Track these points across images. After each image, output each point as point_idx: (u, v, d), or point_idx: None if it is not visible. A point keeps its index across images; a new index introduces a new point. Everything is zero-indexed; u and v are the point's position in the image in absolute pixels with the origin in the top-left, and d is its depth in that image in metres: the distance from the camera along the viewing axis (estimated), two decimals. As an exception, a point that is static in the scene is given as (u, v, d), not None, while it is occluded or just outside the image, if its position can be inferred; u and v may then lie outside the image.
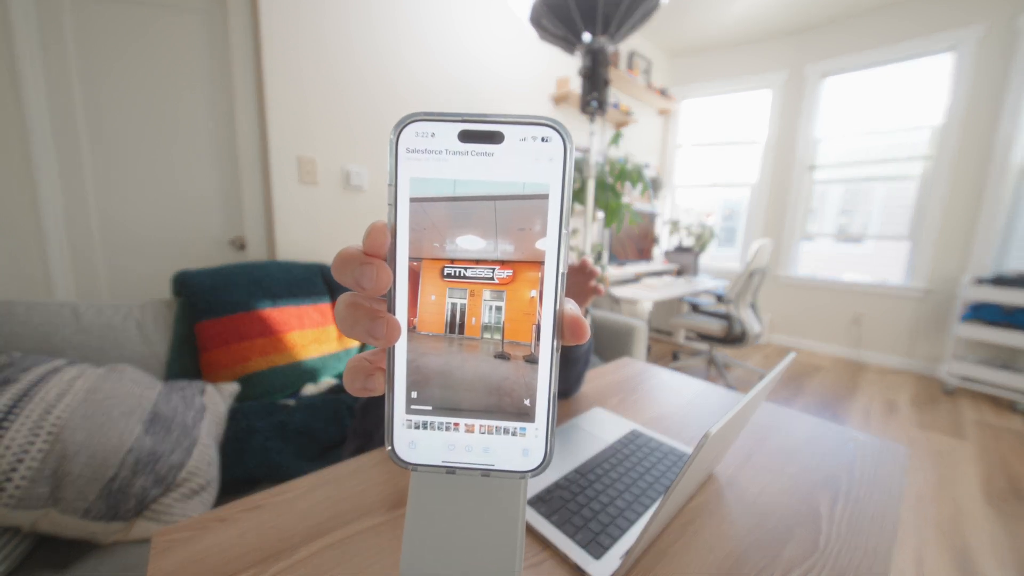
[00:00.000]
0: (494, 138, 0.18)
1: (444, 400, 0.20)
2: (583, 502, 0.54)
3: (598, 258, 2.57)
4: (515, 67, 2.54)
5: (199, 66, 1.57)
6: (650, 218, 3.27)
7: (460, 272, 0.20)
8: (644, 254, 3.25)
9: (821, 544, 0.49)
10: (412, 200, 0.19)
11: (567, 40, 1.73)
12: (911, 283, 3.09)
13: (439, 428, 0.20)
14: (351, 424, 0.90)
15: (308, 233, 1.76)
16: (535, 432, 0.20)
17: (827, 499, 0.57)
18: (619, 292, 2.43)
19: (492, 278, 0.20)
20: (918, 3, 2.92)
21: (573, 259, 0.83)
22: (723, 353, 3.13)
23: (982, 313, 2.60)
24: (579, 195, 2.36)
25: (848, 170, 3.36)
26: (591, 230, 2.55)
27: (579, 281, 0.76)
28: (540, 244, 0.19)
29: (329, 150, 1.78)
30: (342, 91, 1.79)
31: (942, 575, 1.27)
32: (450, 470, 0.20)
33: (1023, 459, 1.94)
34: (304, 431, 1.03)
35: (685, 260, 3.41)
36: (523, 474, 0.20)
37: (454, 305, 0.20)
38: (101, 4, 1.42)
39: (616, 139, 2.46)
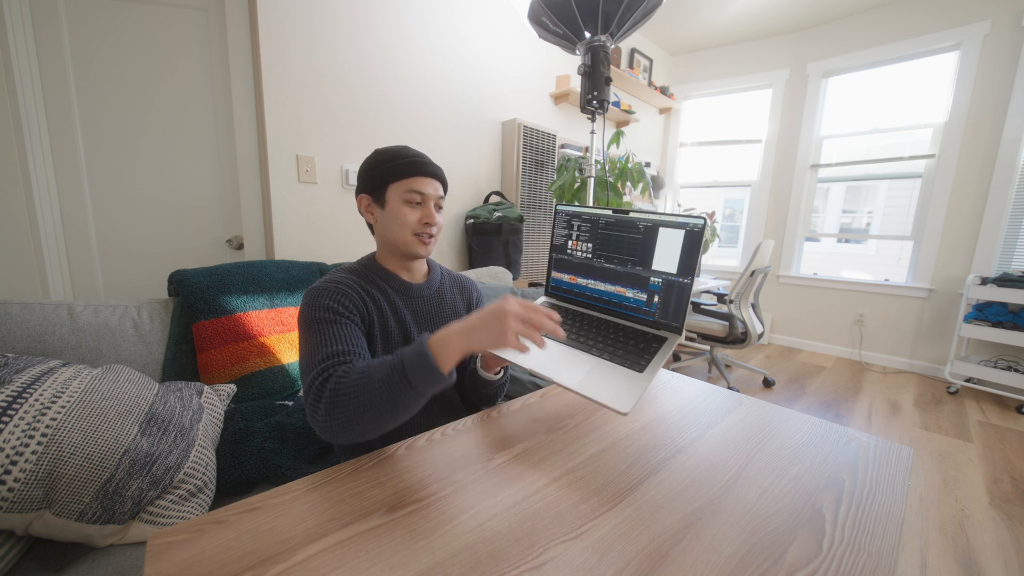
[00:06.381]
0: None
1: None
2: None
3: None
4: (515, 64, 2.54)
5: (197, 64, 1.57)
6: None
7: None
8: (645, 254, 3.23)
9: (825, 547, 0.48)
10: None
11: (567, 38, 1.72)
12: (914, 283, 3.07)
13: None
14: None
15: (306, 232, 1.76)
16: None
17: (831, 501, 0.56)
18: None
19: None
20: (921, 0, 2.91)
21: None
22: (724, 353, 3.11)
23: (987, 313, 2.59)
24: (579, 194, 2.35)
25: (850, 169, 3.35)
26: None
27: None
28: None
29: (328, 149, 1.78)
30: (342, 88, 1.78)
31: (946, 577, 1.26)
32: None
33: (1028, 460, 1.92)
34: (302, 432, 1.02)
35: (686, 260, 3.40)
36: None
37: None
38: (97, 1, 1.42)
39: (617, 138, 2.45)
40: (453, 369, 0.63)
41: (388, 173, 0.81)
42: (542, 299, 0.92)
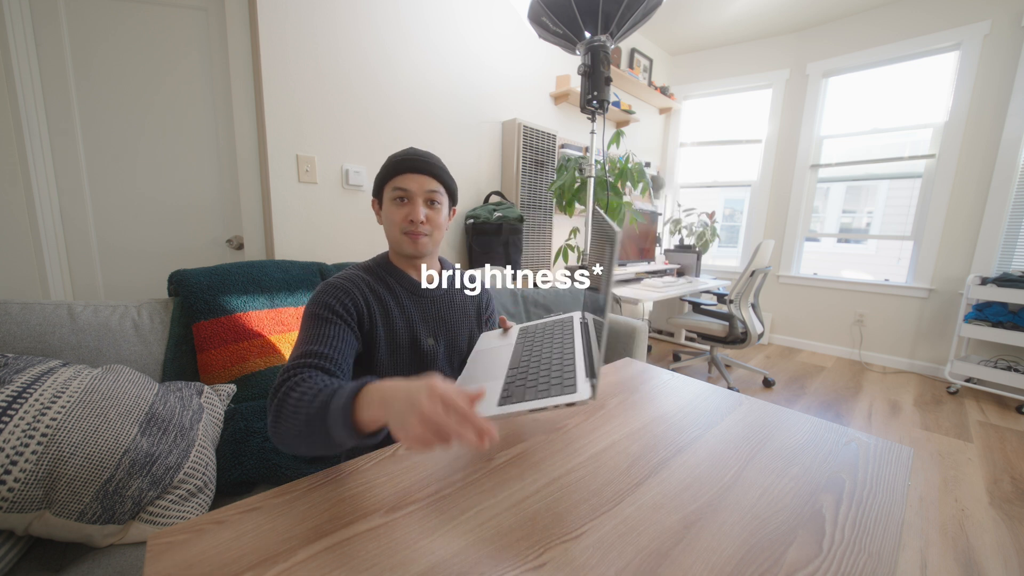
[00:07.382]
0: None
1: None
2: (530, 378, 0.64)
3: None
4: (515, 64, 2.54)
5: (197, 64, 1.57)
6: (651, 217, 3.26)
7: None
8: (645, 254, 3.24)
9: (825, 547, 0.48)
10: None
11: (567, 38, 1.72)
12: (914, 283, 3.07)
13: None
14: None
15: (306, 232, 1.76)
16: None
17: (831, 501, 0.56)
18: (620, 292, 2.42)
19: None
20: (921, 0, 2.90)
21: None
22: (724, 353, 3.11)
23: (987, 313, 2.59)
24: (580, 195, 2.36)
25: (850, 169, 3.35)
26: (591, 230, 2.54)
27: None
28: None
29: (328, 149, 1.78)
30: (342, 88, 1.78)
31: (946, 577, 1.26)
32: None
33: (1028, 460, 1.92)
34: (302, 432, 1.02)
35: (686, 260, 3.40)
36: None
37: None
38: (97, 1, 1.42)
39: (617, 138, 2.45)
40: (376, 432, 0.53)
41: (382, 175, 0.85)
42: (575, 313, 0.91)
